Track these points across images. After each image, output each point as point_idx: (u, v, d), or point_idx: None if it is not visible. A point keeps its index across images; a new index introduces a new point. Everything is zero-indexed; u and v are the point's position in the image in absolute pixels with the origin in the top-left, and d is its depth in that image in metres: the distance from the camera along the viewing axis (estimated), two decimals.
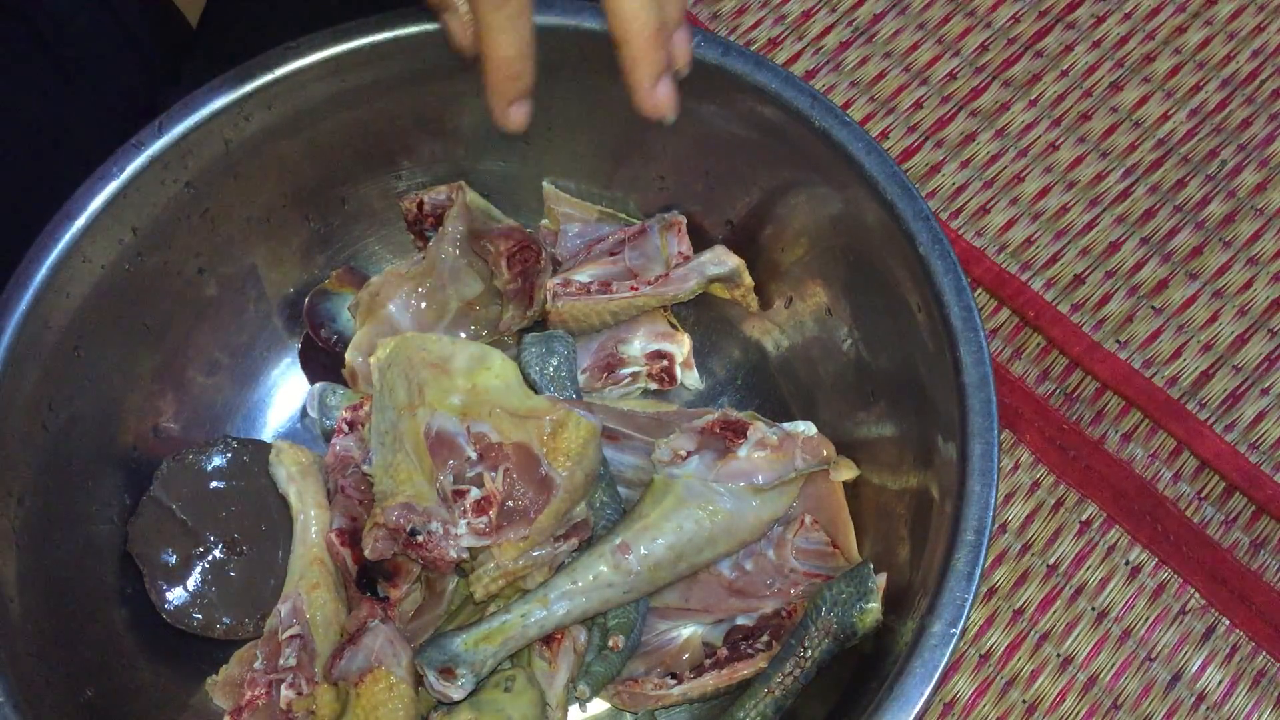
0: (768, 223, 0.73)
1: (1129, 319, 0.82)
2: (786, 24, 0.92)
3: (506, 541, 0.65)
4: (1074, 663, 0.74)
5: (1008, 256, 0.84)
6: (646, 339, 0.75)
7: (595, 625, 0.68)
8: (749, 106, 0.68)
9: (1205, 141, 0.87)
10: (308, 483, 0.70)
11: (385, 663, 0.64)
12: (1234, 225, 0.84)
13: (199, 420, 0.75)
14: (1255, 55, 0.89)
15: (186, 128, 0.67)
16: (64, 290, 0.65)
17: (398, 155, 0.75)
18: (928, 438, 0.64)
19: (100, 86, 0.75)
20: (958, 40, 0.91)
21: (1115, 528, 0.76)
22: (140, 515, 0.70)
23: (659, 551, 0.66)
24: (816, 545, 0.68)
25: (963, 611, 0.57)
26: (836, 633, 0.63)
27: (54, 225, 0.65)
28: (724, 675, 0.66)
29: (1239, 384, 0.80)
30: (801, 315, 0.74)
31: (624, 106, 0.71)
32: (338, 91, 0.70)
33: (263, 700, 0.66)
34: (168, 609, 0.69)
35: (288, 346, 0.78)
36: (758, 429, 0.68)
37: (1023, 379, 0.80)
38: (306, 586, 0.68)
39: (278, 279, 0.76)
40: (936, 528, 0.61)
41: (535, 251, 0.74)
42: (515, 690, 0.65)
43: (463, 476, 0.65)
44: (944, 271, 0.63)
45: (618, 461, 0.71)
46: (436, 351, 0.68)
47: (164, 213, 0.68)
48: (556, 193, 0.77)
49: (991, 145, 0.87)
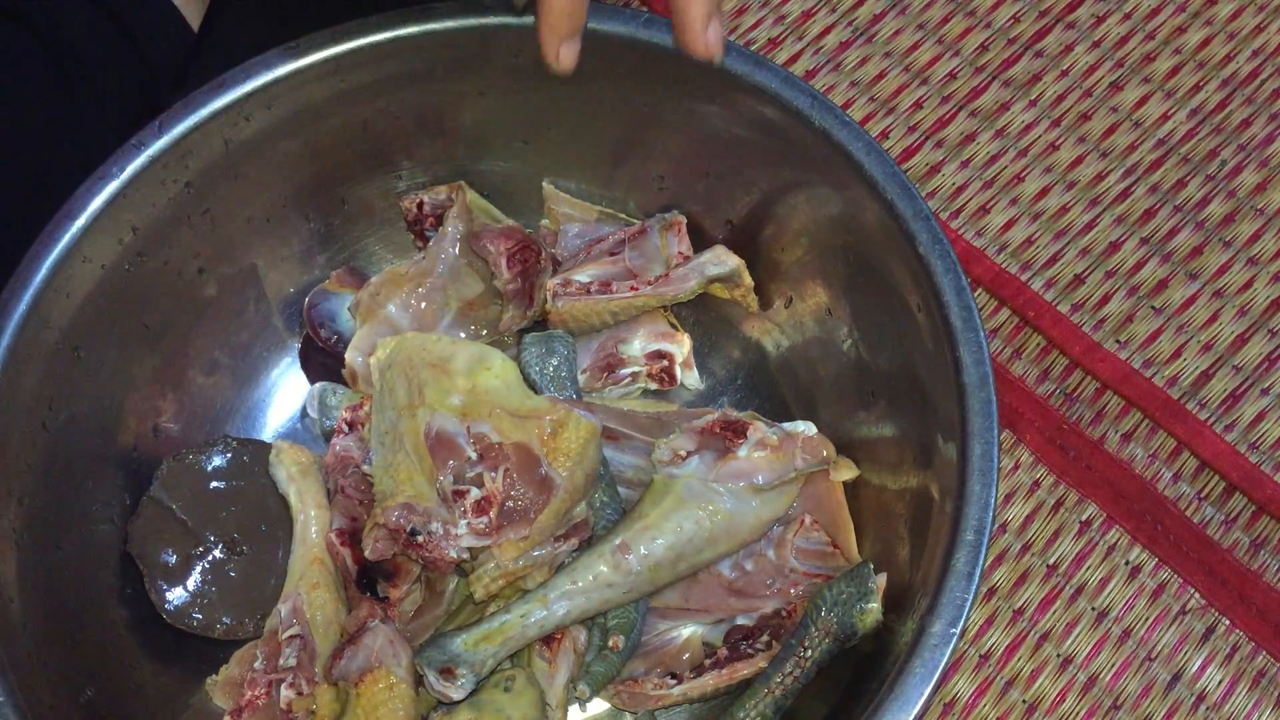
0: (768, 223, 0.73)
1: (1129, 319, 0.82)
2: (786, 24, 0.92)
3: (506, 541, 0.65)
4: (1074, 663, 0.74)
5: (1008, 256, 0.84)
6: (646, 339, 0.75)
7: (595, 625, 0.68)
8: (749, 106, 0.68)
9: (1205, 141, 0.87)
10: (308, 483, 0.70)
11: (385, 663, 0.64)
12: (1234, 225, 0.84)
13: (199, 420, 0.75)
14: (1255, 55, 0.89)
15: (187, 128, 0.67)
16: (64, 290, 0.65)
17: (398, 155, 0.75)
18: (928, 438, 0.64)
19: (100, 89, 0.75)
20: (958, 40, 0.91)
21: (1115, 528, 0.76)
22: (140, 515, 0.70)
23: (659, 551, 0.66)
24: (816, 545, 0.68)
25: (963, 611, 0.57)
26: (837, 633, 0.63)
27: (54, 225, 0.65)
28: (724, 675, 0.66)
29: (1239, 384, 0.80)
30: (801, 315, 0.74)
31: (624, 107, 0.72)
32: (338, 92, 0.70)
33: (263, 700, 0.66)
34: (168, 609, 0.69)
35: (288, 346, 0.78)
36: (758, 429, 0.68)
37: (1023, 379, 0.80)
38: (306, 586, 0.68)
39: (278, 279, 0.76)
40: (936, 528, 0.61)
41: (535, 251, 0.74)
42: (515, 690, 0.65)
43: (463, 477, 0.65)
44: (944, 271, 0.63)
45: (618, 461, 0.71)
46: (436, 352, 0.68)
47: (164, 213, 0.68)
48: (556, 193, 0.77)
49: (991, 145, 0.87)
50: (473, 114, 0.73)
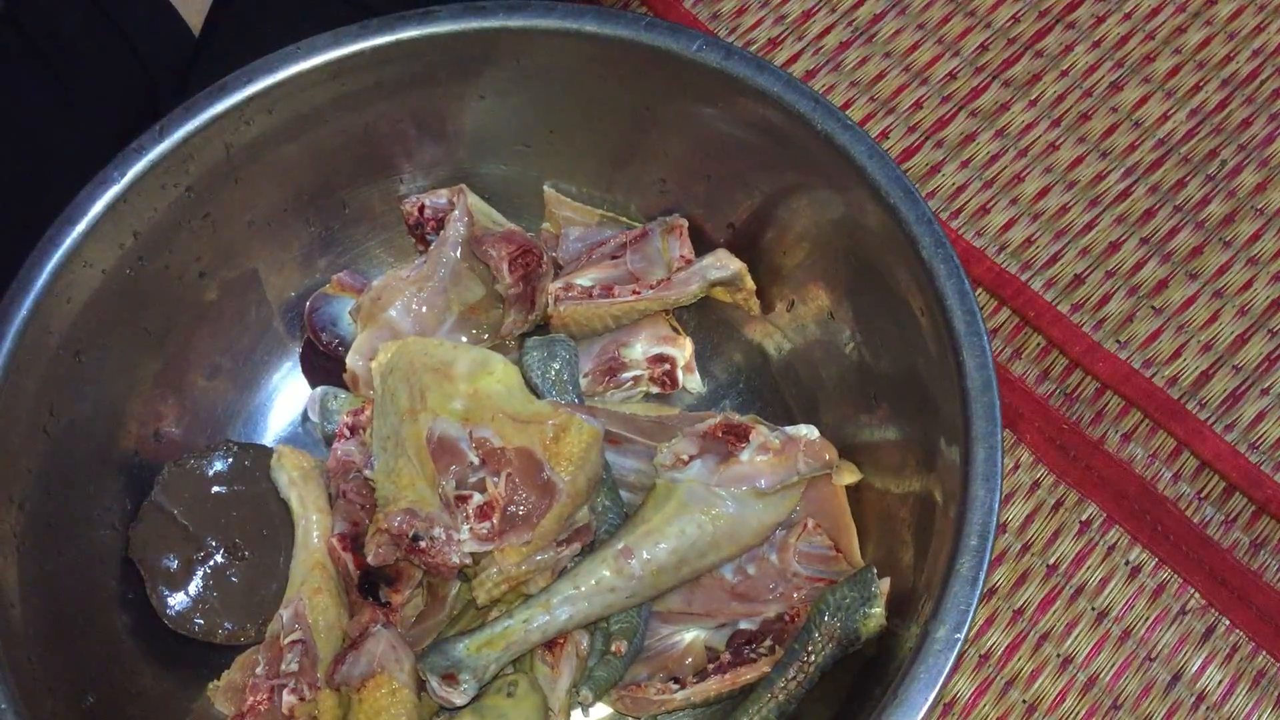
0: (769, 226, 0.73)
1: (1129, 319, 0.82)
2: (786, 24, 0.91)
3: (509, 546, 0.65)
4: (1074, 663, 0.74)
5: (1008, 256, 0.84)
6: (648, 343, 0.75)
7: (598, 630, 0.68)
8: (751, 110, 0.68)
9: (1205, 141, 0.87)
10: (309, 487, 0.70)
11: (387, 668, 0.64)
12: (1234, 225, 0.84)
13: (200, 425, 0.74)
14: (1255, 55, 0.89)
15: (187, 132, 0.67)
16: (65, 295, 0.65)
17: (399, 159, 0.75)
18: (930, 441, 0.64)
19: (101, 94, 0.75)
20: (958, 40, 0.90)
21: (1115, 528, 0.77)
22: (141, 520, 0.70)
23: (661, 556, 0.66)
24: (819, 549, 0.68)
25: (967, 616, 0.57)
26: (840, 637, 0.63)
27: (55, 230, 0.65)
28: (727, 680, 0.66)
29: (1239, 384, 0.80)
30: (803, 319, 0.74)
31: (625, 110, 0.72)
32: (339, 95, 0.69)
33: (265, 706, 0.66)
34: (169, 614, 0.69)
35: (289, 351, 0.78)
36: (760, 433, 0.68)
37: (1023, 379, 0.80)
38: (308, 591, 0.68)
39: (279, 283, 0.76)
40: (940, 532, 0.61)
41: (537, 255, 0.73)
42: (518, 695, 0.66)
43: (465, 482, 0.65)
44: (947, 275, 0.63)
45: (620, 466, 0.70)
46: (438, 356, 0.68)
47: (165, 217, 0.68)
48: (558, 196, 0.77)
49: (991, 145, 0.87)
50: (474, 117, 0.73)
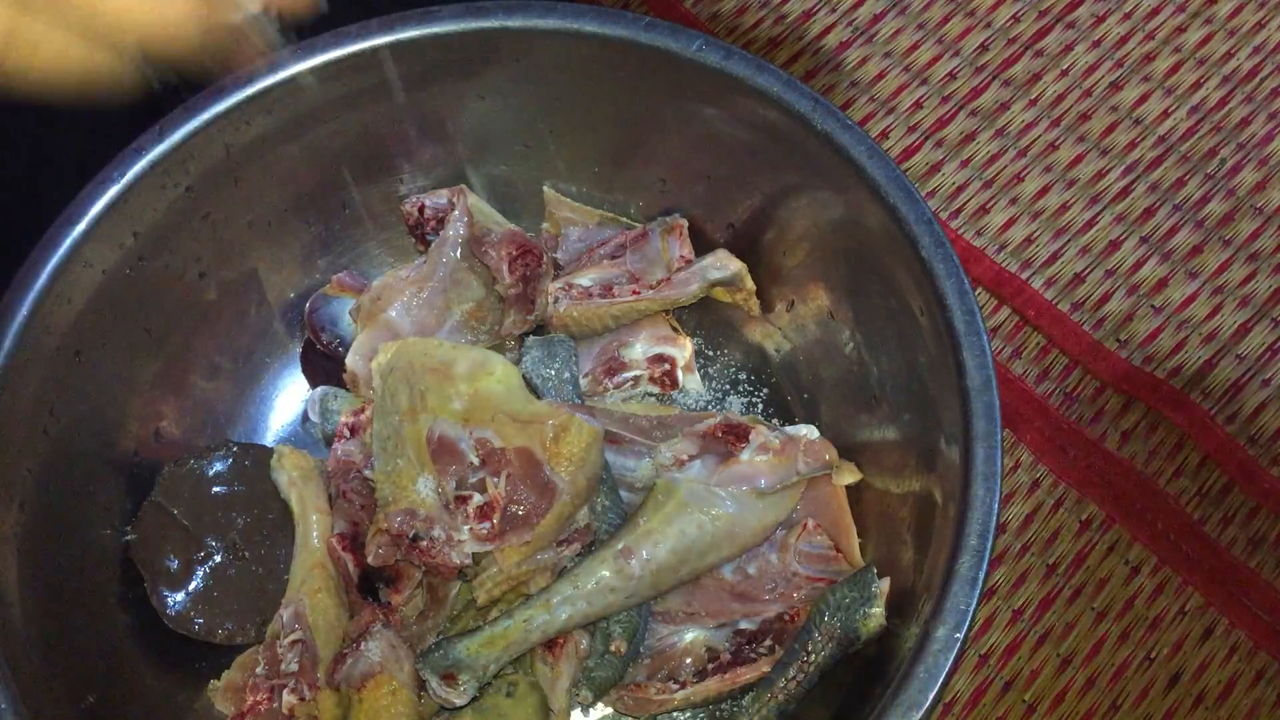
0: (769, 226, 0.73)
1: (1129, 317, 0.82)
2: (786, 24, 0.91)
3: (509, 546, 0.65)
4: (1073, 663, 0.74)
5: (1007, 255, 0.84)
6: (648, 343, 0.75)
7: (598, 630, 0.67)
8: (751, 110, 0.68)
9: (1205, 140, 0.87)
10: (309, 488, 0.70)
11: (387, 668, 0.64)
12: (1233, 224, 0.84)
13: (200, 425, 0.74)
14: (1256, 52, 0.89)
15: (187, 132, 0.67)
16: (65, 295, 0.65)
17: (399, 159, 0.75)
18: (930, 442, 0.64)
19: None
20: (958, 40, 0.90)
21: (1115, 527, 0.77)
22: (142, 520, 0.70)
23: (661, 556, 0.66)
24: (819, 549, 0.68)
25: (967, 616, 0.57)
26: (840, 637, 0.63)
27: (55, 230, 0.65)
28: (727, 680, 0.66)
29: (1242, 374, 0.80)
30: (803, 319, 0.74)
31: (625, 110, 0.71)
32: (338, 95, 0.69)
33: (265, 706, 0.66)
34: (169, 614, 0.69)
35: (289, 351, 0.78)
36: (760, 433, 0.68)
37: (1023, 378, 0.80)
38: (308, 591, 0.68)
39: (279, 283, 0.76)
40: (939, 532, 0.61)
41: (536, 256, 0.73)
42: (518, 695, 0.66)
43: (465, 482, 0.65)
44: (947, 275, 0.63)
45: (620, 466, 0.70)
46: (438, 356, 0.68)
47: (165, 217, 0.68)
48: (557, 197, 0.77)
49: (991, 145, 0.87)
50: (474, 117, 0.73)
